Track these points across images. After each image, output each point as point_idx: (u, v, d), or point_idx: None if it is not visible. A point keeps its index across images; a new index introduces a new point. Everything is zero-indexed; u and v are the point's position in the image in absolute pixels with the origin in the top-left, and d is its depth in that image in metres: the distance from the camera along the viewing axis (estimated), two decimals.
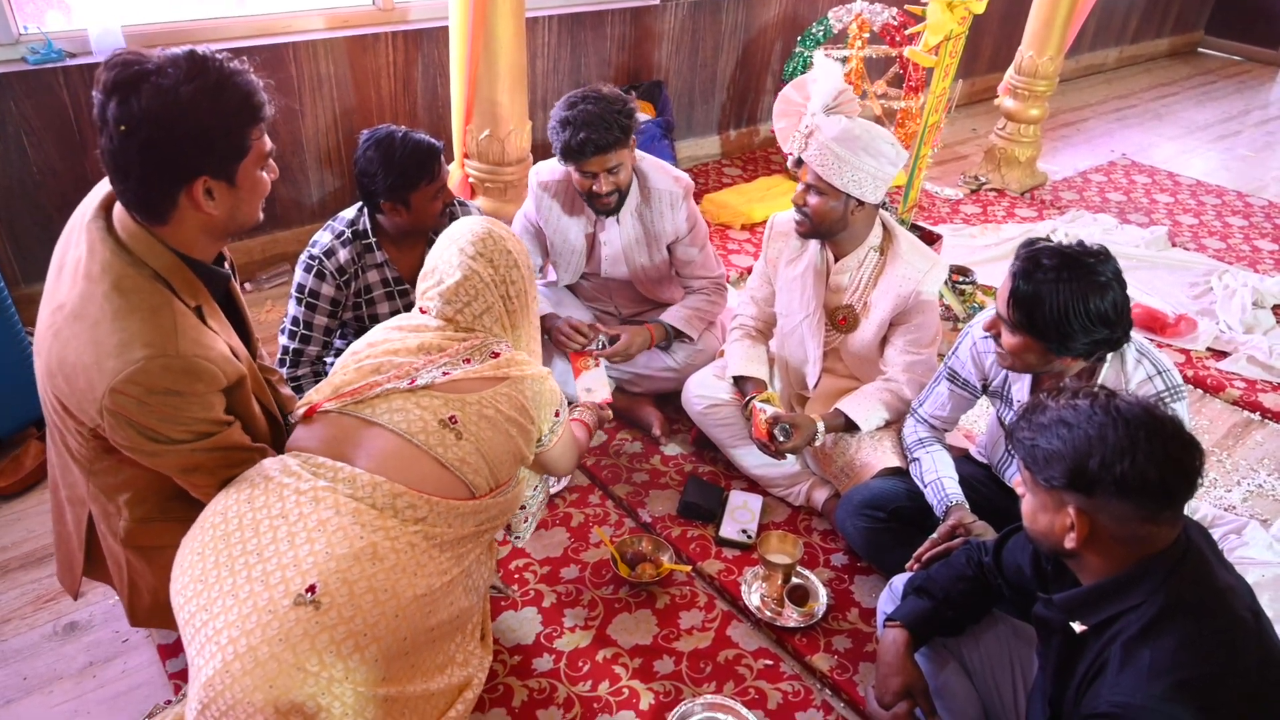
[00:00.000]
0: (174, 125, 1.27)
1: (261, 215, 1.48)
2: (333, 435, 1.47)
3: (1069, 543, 1.23)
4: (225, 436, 1.45)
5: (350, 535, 1.33)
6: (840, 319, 2.19)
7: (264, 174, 1.43)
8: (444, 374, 1.48)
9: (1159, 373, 1.69)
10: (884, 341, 2.20)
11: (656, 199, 2.45)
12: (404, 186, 2.06)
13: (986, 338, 1.84)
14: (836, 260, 2.16)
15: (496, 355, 1.54)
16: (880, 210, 2.13)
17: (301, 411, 1.54)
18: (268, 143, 1.41)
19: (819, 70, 2.15)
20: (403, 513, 1.38)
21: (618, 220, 2.46)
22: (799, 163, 2.08)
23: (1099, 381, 1.68)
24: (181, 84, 1.27)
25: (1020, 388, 1.81)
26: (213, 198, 1.36)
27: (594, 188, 2.30)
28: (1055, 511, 1.24)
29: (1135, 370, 1.68)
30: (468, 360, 1.51)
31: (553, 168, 2.46)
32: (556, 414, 1.63)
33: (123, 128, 1.27)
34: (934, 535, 1.81)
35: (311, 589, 1.27)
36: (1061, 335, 1.56)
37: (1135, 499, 1.17)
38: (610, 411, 2.10)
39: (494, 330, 1.59)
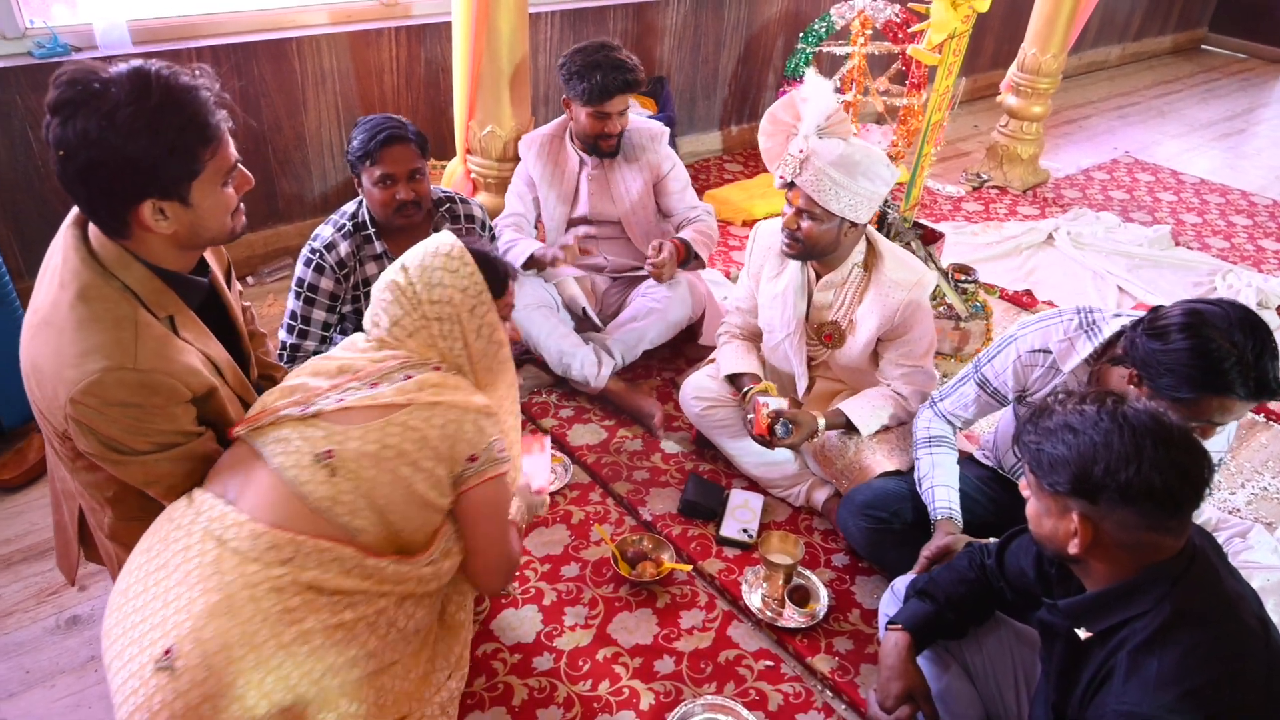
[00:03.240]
0: (110, 150, 1.23)
1: (238, 225, 1.44)
2: (229, 465, 1.42)
3: (1072, 548, 1.23)
4: (192, 448, 1.43)
5: (208, 587, 1.26)
6: (826, 335, 2.17)
7: (227, 189, 1.39)
8: (339, 400, 1.37)
9: None
10: (875, 355, 2.19)
11: (637, 136, 2.66)
12: (358, 160, 2.09)
13: (1034, 352, 1.77)
14: (819, 278, 2.14)
15: (410, 378, 1.40)
16: (866, 226, 2.09)
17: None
18: (230, 156, 1.37)
19: (810, 89, 2.03)
20: (264, 556, 1.29)
21: (600, 161, 2.64)
22: (789, 185, 2.01)
23: None
24: (121, 107, 1.22)
25: None
26: (166, 217, 1.32)
27: (606, 128, 2.51)
28: (1059, 516, 1.24)
29: None
30: (375, 384, 1.39)
31: (540, 130, 2.71)
32: (472, 458, 1.41)
33: (61, 151, 1.25)
34: (924, 552, 1.80)
35: (168, 652, 1.22)
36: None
37: (1140, 507, 1.16)
38: (547, 498, 1.84)
39: (428, 356, 1.45)
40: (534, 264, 2.61)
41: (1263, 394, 1.41)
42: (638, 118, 2.70)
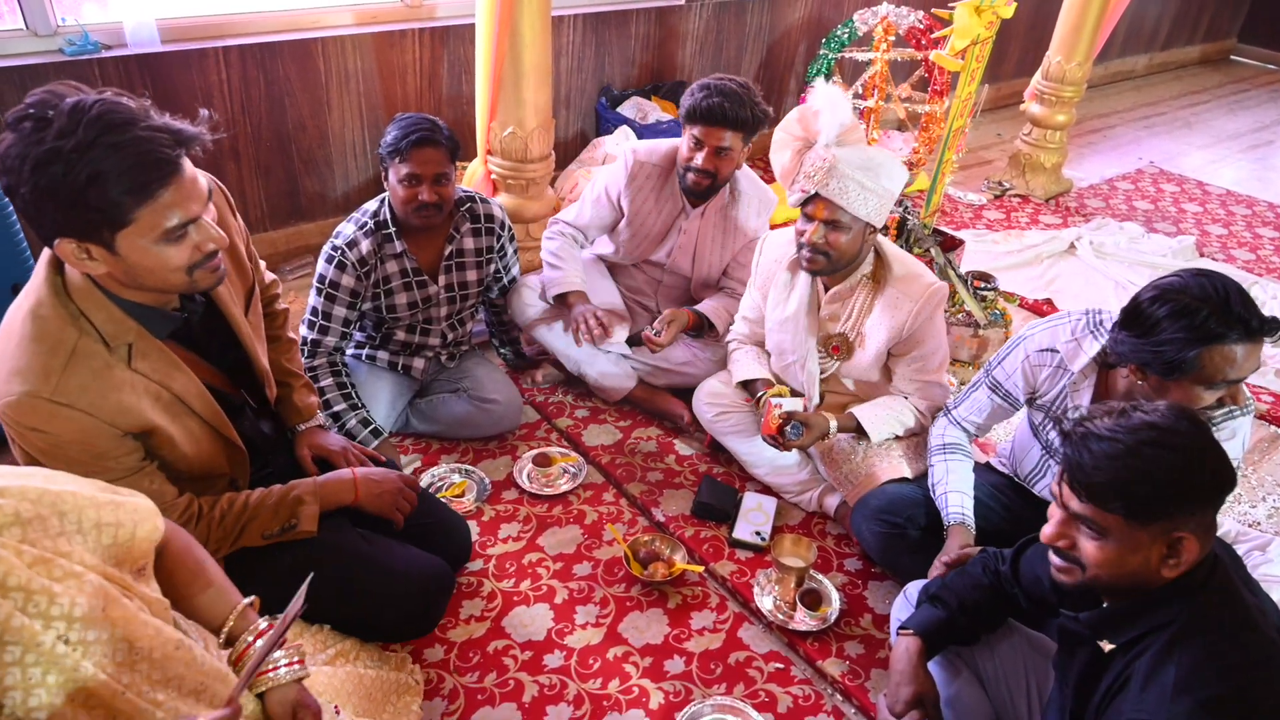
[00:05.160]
0: (22, 181, 1.19)
1: (201, 282, 1.37)
2: None
3: (1169, 571, 1.18)
4: (130, 483, 1.41)
5: None
6: (834, 348, 2.16)
7: (175, 246, 1.30)
8: None
9: None
10: (887, 369, 2.18)
11: (745, 202, 2.50)
12: (388, 155, 2.12)
13: (1043, 351, 1.80)
14: (827, 289, 2.13)
15: None
16: (876, 235, 2.07)
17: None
18: (183, 213, 1.28)
19: (825, 100, 1.99)
20: None
21: (703, 215, 2.50)
22: (809, 200, 1.97)
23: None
24: (46, 140, 1.18)
25: (1079, 403, 1.75)
26: (92, 258, 1.28)
27: (697, 159, 2.32)
28: (1150, 545, 1.18)
29: None
30: None
31: (652, 149, 2.51)
32: None
33: None
34: (942, 558, 1.79)
35: None
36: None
37: (1216, 506, 1.18)
38: None
39: None
40: (563, 302, 2.51)
41: (1250, 332, 1.44)
42: (755, 183, 2.51)
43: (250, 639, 1.24)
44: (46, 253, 1.37)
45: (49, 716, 0.96)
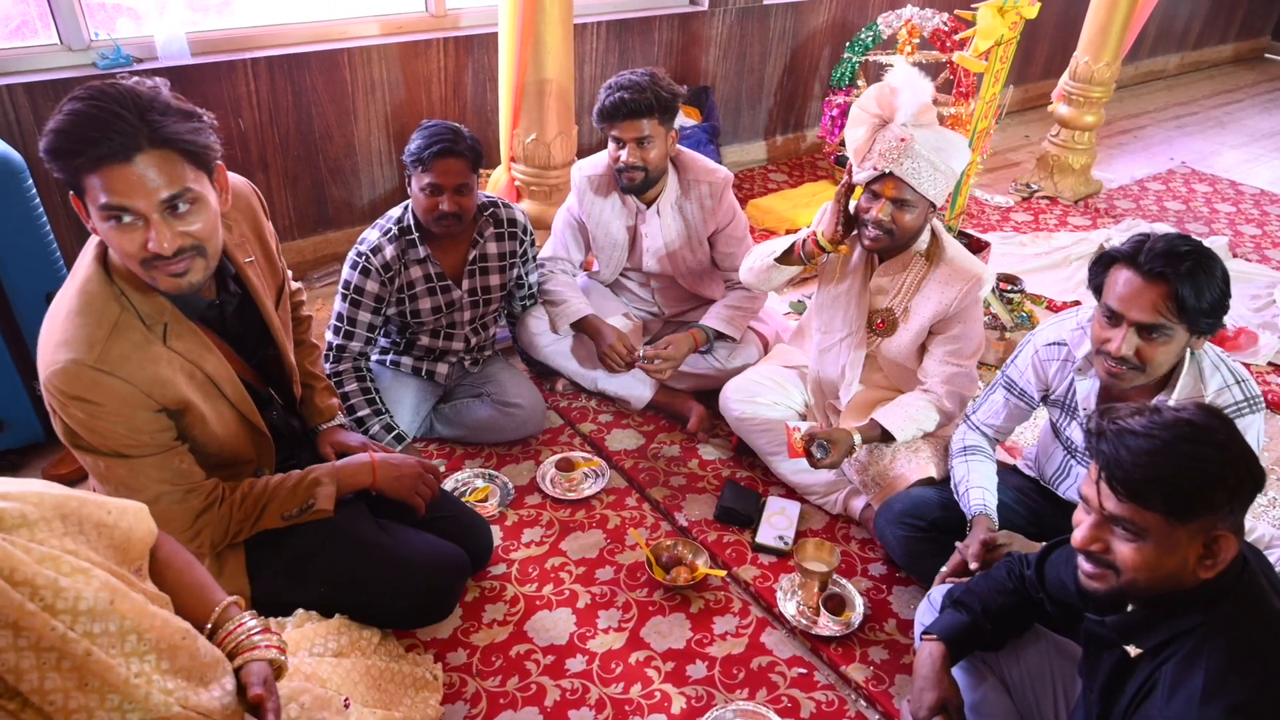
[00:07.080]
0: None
1: (155, 279, 1.38)
2: None
3: (1205, 571, 1.16)
4: (161, 460, 1.47)
5: None
6: (879, 322, 2.17)
7: (117, 229, 1.32)
8: None
9: (1237, 381, 1.63)
10: (922, 349, 2.17)
11: (696, 191, 2.48)
12: (411, 163, 2.15)
13: (1050, 345, 1.81)
14: (881, 262, 2.14)
15: None
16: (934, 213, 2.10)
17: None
18: (118, 197, 1.29)
19: (905, 79, 1.99)
20: None
21: (658, 213, 2.50)
22: (878, 178, 1.98)
23: (1176, 388, 1.62)
24: (62, 104, 1.31)
25: (1086, 397, 1.75)
26: (87, 217, 1.36)
27: (622, 158, 2.34)
28: (1188, 544, 1.16)
29: (1212, 377, 1.63)
30: None
31: (595, 161, 2.53)
32: None
33: None
34: (959, 548, 1.77)
35: None
36: (1216, 311, 1.51)
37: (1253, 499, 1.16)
38: None
39: None
40: (580, 328, 2.52)
41: (1137, 265, 1.51)
42: (703, 167, 2.49)
43: (232, 627, 1.28)
44: (92, 238, 1.44)
45: (64, 701, 1.00)
